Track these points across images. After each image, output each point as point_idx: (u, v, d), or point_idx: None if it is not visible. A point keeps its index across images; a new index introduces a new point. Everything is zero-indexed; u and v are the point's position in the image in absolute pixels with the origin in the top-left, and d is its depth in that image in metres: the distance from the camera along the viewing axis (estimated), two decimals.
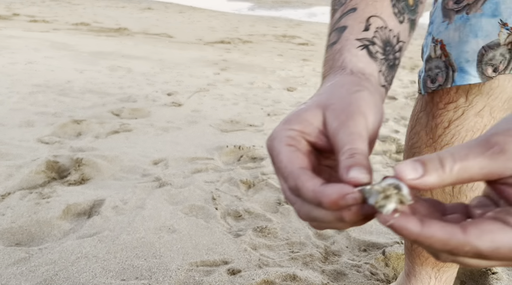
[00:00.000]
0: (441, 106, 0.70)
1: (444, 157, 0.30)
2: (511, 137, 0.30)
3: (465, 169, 0.30)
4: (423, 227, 0.29)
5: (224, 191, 1.50)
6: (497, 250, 0.28)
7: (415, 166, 0.30)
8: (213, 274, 1.03)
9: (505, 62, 0.63)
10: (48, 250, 1.10)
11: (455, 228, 0.29)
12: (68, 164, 1.59)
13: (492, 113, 0.68)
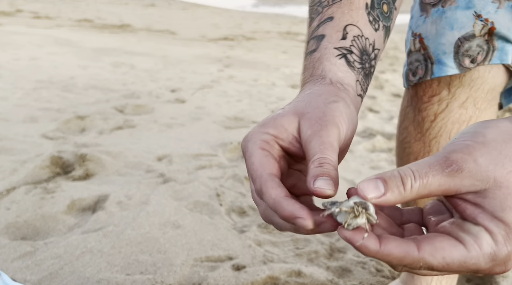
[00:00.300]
0: (425, 99, 0.71)
1: (405, 175, 0.32)
2: (469, 155, 0.31)
3: (424, 186, 0.31)
4: (381, 246, 0.31)
5: (229, 187, 1.49)
6: (448, 266, 0.31)
7: (377, 184, 0.32)
8: (218, 270, 1.03)
9: (483, 53, 0.64)
10: (53, 244, 1.10)
11: (410, 245, 0.31)
12: (73, 159, 1.59)
13: (476, 104, 0.68)
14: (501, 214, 0.31)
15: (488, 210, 0.31)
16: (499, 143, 0.32)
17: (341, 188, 1.30)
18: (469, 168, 0.31)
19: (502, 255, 0.31)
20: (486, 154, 0.32)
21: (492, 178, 0.31)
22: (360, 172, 1.71)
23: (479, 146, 0.32)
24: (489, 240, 0.31)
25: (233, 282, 0.98)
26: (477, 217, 0.31)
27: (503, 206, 0.31)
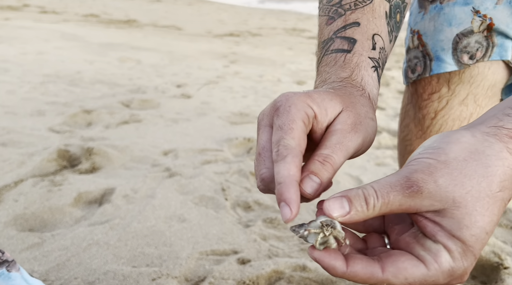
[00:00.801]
0: (425, 97, 0.71)
1: (368, 194, 0.33)
2: (429, 175, 0.33)
3: (386, 205, 0.33)
4: (348, 267, 0.34)
5: (234, 182, 1.50)
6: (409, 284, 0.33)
7: (342, 203, 0.34)
8: (223, 263, 1.03)
9: (482, 49, 0.64)
10: (61, 236, 1.11)
11: (375, 267, 0.34)
12: (79, 153, 1.60)
13: (477, 101, 0.68)
14: (458, 233, 0.32)
15: (446, 228, 0.33)
16: (460, 162, 0.33)
17: (345, 184, 1.30)
18: (429, 189, 0.32)
19: (460, 270, 0.33)
20: (447, 174, 0.32)
21: (451, 199, 0.32)
22: (365, 168, 1.71)
23: (441, 166, 0.33)
24: (448, 258, 0.33)
25: (238, 276, 0.99)
26: (436, 235, 0.33)
27: (460, 225, 0.32)
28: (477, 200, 0.32)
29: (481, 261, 1.10)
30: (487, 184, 0.32)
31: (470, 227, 0.32)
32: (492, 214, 0.32)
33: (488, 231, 0.32)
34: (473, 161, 0.33)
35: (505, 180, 0.33)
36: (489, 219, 0.32)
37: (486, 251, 1.12)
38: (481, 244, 0.32)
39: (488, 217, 0.32)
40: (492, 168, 0.33)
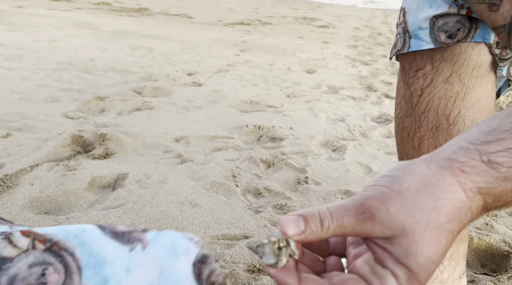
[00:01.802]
0: (411, 73, 0.72)
1: (324, 216, 0.34)
2: (382, 203, 0.34)
3: (339, 228, 0.34)
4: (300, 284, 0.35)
5: (244, 169, 1.51)
6: None
7: (298, 222, 0.34)
8: (234, 247, 1.05)
9: (465, 30, 0.64)
10: (75, 219, 1.14)
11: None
12: (93, 138, 1.63)
13: (462, 80, 0.68)
14: (405, 260, 0.34)
15: (394, 255, 0.34)
16: (412, 192, 0.34)
17: (355, 172, 1.31)
18: (380, 217, 0.34)
19: None
20: (399, 203, 0.34)
21: (400, 227, 0.34)
22: (375, 157, 1.71)
23: (394, 195, 0.34)
24: (394, 283, 0.34)
25: (249, 260, 1.01)
26: (385, 261, 0.35)
27: (407, 253, 0.33)
28: (425, 230, 0.33)
29: (491, 249, 1.10)
30: (436, 216, 0.34)
31: (416, 255, 0.33)
32: (439, 244, 0.34)
33: (434, 261, 0.34)
34: (425, 193, 0.34)
35: (454, 212, 0.34)
36: (435, 249, 0.34)
37: (496, 240, 1.12)
38: (426, 273, 0.34)
39: (435, 247, 0.34)
40: (442, 200, 0.34)
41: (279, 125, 1.98)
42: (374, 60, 3.82)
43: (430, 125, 0.72)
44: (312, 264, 0.39)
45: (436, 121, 0.71)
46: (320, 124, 2.06)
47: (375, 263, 0.35)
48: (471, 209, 0.35)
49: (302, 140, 1.82)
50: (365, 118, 2.20)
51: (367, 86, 2.88)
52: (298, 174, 1.51)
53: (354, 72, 3.29)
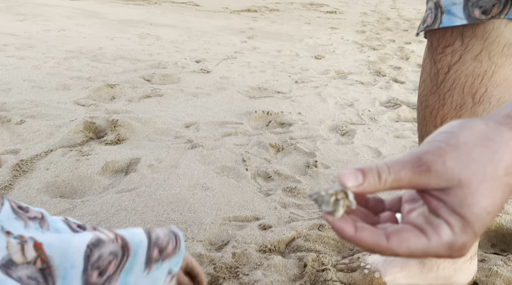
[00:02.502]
0: (439, 50, 0.70)
1: (382, 169, 0.36)
2: (439, 157, 0.35)
3: (397, 181, 0.35)
4: (356, 233, 0.36)
5: (254, 153, 1.53)
6: (412, 254, 0.36)
7: (356, 175, 0.36)
8: (245, 229, 1.07)
9: (500, 5, 0.63)
10: (90, 202, 1.17)
11: (381, 236, 0.36)
12: (104, 125, 1.65)
13: (492, 58, 0.67)
14: (459, 210, 0.34)
15: (449, 205, 0.35)
16: (469, 146, 0.35)
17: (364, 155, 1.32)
18: (437, 169, 0.35)
19: (459, 244, 0.35)
20: (455, 157, 0.35)
21: (456, 179, 0.35)
22: (384, 140, 1.71)
23: (450, 149, 0.35)
24: (448, 231, 0.35)
25: (260, 240, 1.03)
26: (439, 210, 0.36)
27: (462, 203, 0.34)
28: (481, 182, 0.34)
29: (501, 229, 1.11)
30: (493, 168, 0.35)
31: (472, 205, 0.34)
32: (495, 196, 0.35)
33: (489, 211, 0.34)
34: (482, 147, 0.35)
35: (511, 166, 0.35)
36: (491, 200, 0.34)
37: (507, 221, 1.12)
38: (481, 223, 0.34)
39: (491, 198, 0.34)
40: (500, 154, 0.35)
41: (287, 111, 1.99)
42: (382, 45, 3.78)
43: (454, 103, 0.71)
44: (366, 218, 0.40)
45: (461, 99, 0.70)
46: (328, 109, 2.06)
47: (429, 214, 0.36)
48: None
49: (310, 125, 1.83)
50: (373, 103, 2.19)
51: (376, 71, 2.86)
52: (307, 158, 1.52)
53: (363, 57, 3.26)
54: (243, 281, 0.88)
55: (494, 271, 0.92)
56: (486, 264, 0.96)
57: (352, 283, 0.88)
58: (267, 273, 0.90)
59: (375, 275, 0.87)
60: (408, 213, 0.39)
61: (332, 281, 0.87)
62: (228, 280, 0.88)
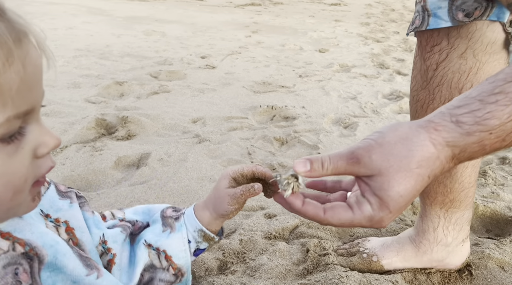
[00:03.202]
0: (428, 49, 0.77)
1: (324, 160, 0.46)
2: (367, 152, 0.45)
3: (336, 169, 0.46)
4: (302, 206, 0.48)
5: (259, 147, 1.59)
6: (342, 224, 0.47)
7: (306, 163, 0.47)
8: (252, 218, 1.14)
9: (481, 8, 0.68)
10: (105, 194, 1.24)
11: (320, 210, 0.48)
12: (115, 121, 1.72)
13: (476, 55, 0.72)
14: (378, 192, 0.45)
15: (372, 188, 0.45)
16: (391, 144, 0.45)
17: None
18: (364, 161, 0.45)
19: (377, 218, 0.45)
20: (379, 152, 0.45)
21: (378, 169, 0.44)
22: None
23: (377, 146, 0.45)
24: (369, 208, 0.46)
25: (266, 228, 1.09)
26: (365, 192, 0.46)
27: (380, 187, 0.44)
28: (396, 172, 0.44)
29: (496, 215, 1.16)
30: (407, 162, 0.44)
31: (387, 189, 0.44)
32: (407, 183, 0.44)
33: (402, 195, 0.44)
34: (401, 145, 0.45)
35: (423, 160, 0.44)
36: (404, 186, 0.44)
37: (501, 207, 1.17)
38: (395, 203, 0.44)
39: (404, 185, 0.44)
40: (413, 151, 0.44)
41: (291, 105, 2.04)
42: (386, 37, 3.80)
43: (443, 98, 0.77)
44: (317, 198, 0.52)
45: (449, 94, 0.76)
46: (332, 103, 2.11)
47: (359, 195, 0.47)
48: (439, 158, 0.45)
49: (314, 119, 1.88)
50: (376, 95, 2.23)
51: (379, 63, 2.89)
52: (310, 151, 1.57)
53: (366, 50, 3.29)
54: (250, 265, 0.94)
55: (487, 254, 0.97)
56: (479, 247, 1.02)
57: (351, 267, 0.94)
58: (272, 258, 0.96)
59: (373, 259, 0.93)
60: (352, 193, 0.51)
61: (333, 265, 0.93)
62: (236, 265, 0.95)
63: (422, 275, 0.94)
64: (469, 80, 0.73)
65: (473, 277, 0.93)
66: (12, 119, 0.34)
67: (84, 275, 0.45)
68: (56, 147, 0.39)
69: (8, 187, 0.36)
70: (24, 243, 0.41)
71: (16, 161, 0.36)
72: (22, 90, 0.34)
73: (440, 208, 0.87)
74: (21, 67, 0.34)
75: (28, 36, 0.35)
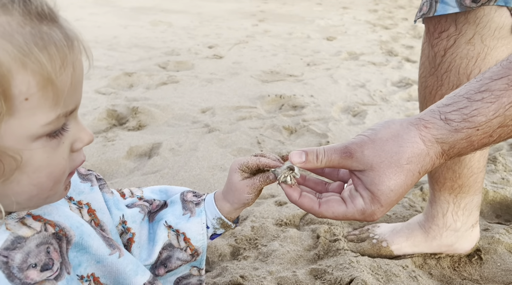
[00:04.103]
0: (435, 35, 0.77)
1: (319, 152, 0.49)
2: (360, 147, 0.47)
3: (329, 162, 0.48)
4: (299, 199, 0.51)
5: (268, 136, 1.60)
6: (335, 217, 0.49)
7: (301, 154, 0.49)
8: (262, 205, 1.16)
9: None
10: (119, 184, 1.27)
11: (315, 203, 0.50)
12: (126, 112, 1.74)
13: (484, 41, 0.73)
14: (370, 187, 0.47)
15: (364, 183, 0.47)
16: (383, 141, 0.47)
17: None
18: (357, 156, 0.47)
19: (369, 211, 0.47)
20: (371, 148, 0.47)
21: (370, 164, 0.46)
22: None
23: (369, 142, 0.47)
24: (361, 202, 0.48)
25: (276, 215, 1.11)
26: (357, 186, 0.48)
27: (372, 182, 0.47)
28: (387, 168, 0.46)
29: (506, 201, 1.17)
30: (397, 158, 0.46)
31: (378, 184, 0.46)
32: (398, 178, 0.46)
33: (392, 189, 0.46)
34: (392, 142, 0.47)
35: (413, 156, 0.46)
36: (394, 181, 0.46)
37: (511, 193, 1.18)
38: (386, 197, 0.46)
39: (394, 180, 0.46)
40: (404, 148, 0.46)
41: (300, 94, 2.04)
42: (395, 23, 3.76)
43: (451, 84, 0.77)
44: (315, 185, 0.55)
45: (457, 80, 0.76)
46: (340, 91, 2.11)
47: (353, 189, 0.49)
48: (429, 155, 0.47)
49: (323, 107, 1.88)
50: (385, 83, 2.22)
51: (388, 50, 2.87)
52: (319, 139, 1.58)
53: (375, 37, 3.26)
54: (262, 251, 0.96)
55: (496, 239, 0.98)
56: (489, 232, 1.03)
57: (361, 252, 0.96)
58: (284, 244, 0.98)
59: (382, 245, 0.95)
60: (348, 186, 0.53)
61: (343, 250, 0.95)
62: (249, 250, 0.97)
63: (432, 260, 0.95)
64: (477, 66, 0.74)
65: (483, 261, 0.95)
66: (61, 117, 0.37)
67: (107, 254, 0.49)
68: (89, 143, 0.42)
69: (50, 177, 0.39)
70: (54, 224, 0.44)
71: (58, 154, 0.39)
72: (71, 91, 0.37)
73: (449, 193, 0.88)
74: (73, 70, 0.37)
75: (76, 40, 0.38)
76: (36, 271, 0.40)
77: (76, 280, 0.46)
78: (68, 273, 0.44)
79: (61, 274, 0.43)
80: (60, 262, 0.43)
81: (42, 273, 0.41)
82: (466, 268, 0.94)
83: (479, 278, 0.92)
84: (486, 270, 0.93)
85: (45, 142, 0.37)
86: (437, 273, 0.93)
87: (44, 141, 0.37)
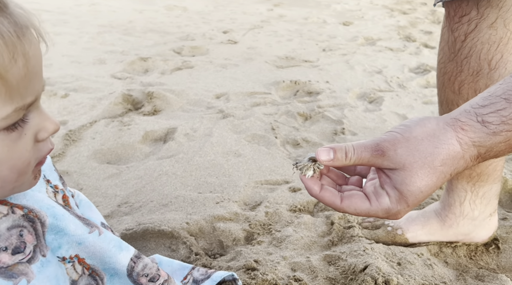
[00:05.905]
0: (456, 19, 0.74)
1: (348, 150, 0.47)
2: (393, 145, 0.45)
3: (359, 159, 0.47)
4: (320, 192, 0.49)
5: (282, 122, 1.59)
6: (357, 213, 0.48)
7: (329, 152, 0.47)
8: (276, 191, 1.16)
9: None
10: (134, 168, 1.28)
11: (337, 198, 0.48)
12: (141, 97, 1.75)
13: (507, 25, 0.69)
14: (399, 186, 0.45)
15: (393, 182, 0.46)
16: (418, 140, 0.45)
17: (391, 122, 1.35)
18: (389, 155, 0.45)
19: (394, 211, 0.46)
20: (405, 147, 0.45)
21: (402, 164, 0.45)
22: (412, 107, 1.73)
23: (403, 140, 0.45)
24: (387, 200, 0.46)
25: (290, 201, 1.11)
26: (385, 184, 0.47)
27: (402, 182, 0.45)
28: (420, 169, 0.44)
29: None
30: (432, 159, 0.44)
31: (409, 184, 0.45)
32: (429, 180, 0.45)
33: (422, 191, 0.45)
34: (427, 142, 0.45)
35: (447, 159, 0.45)
36: (425, 182, 0.45)
37: None
38: (414, 198, 0.45)
39: (425, 181, 0.45)
40: (439, 149, 0.45)
41: (315, 79, 2.02)
42: (413, 8, 3.66)
43: (471, 70, 0.75)
44: (337, 178, 0.53)
45: (478, 66, 0.74)
46: (356, 77, 2.07)
47: (378, 186, 0.48)
48: (464, 158, 0.45)
49: (338, 93, 1.86)
50: (402, 69, 2.18)
51: (406, 36, 2.80)
52: (335, 126, 1.57)
53: (392, 22, 3.19)
54: (276, 237, 0.97)
55: None
56: (507, 222, 1.01)
57: (376, 239, 0.95)
58: (298, 229, 0.99)
59: (397, 232, 0.94)
60: (369, 181, 0.51)
61: (358, 237, 0.94)
62: (262, 235, 0.98)
63: (448, 248, 0.95)
64: (499, 51, 0.71)
65: (500, 251, 0.93)
66: (18, 110, 0.36)
67: (86, 233, 0.49)
68: (55, 132, 0.42)
69: (13, 170, 0.39)
70: (21, 207, 0.44)
71: (19, 146, 0.38)
72: (27, 82, 0.36)
73: (467, 182, 0.87)
74: (25, 61, 0.36)
75: (29, 28, 0.37)
76: (7, 254, 0.40)
77: (55, 262, 0.46)
78: (43, 255, 0.44)
79: (34, 256, 0.43)
80: (34, 245, 0.43)
81: (14, 257, 0.41)
82: (483, 257, 0.93)
83: (496, 267, 0.91)
84: (504, 259, 0.92)
85: (4, 136, 0.37)
86: (453, 262, 0.92)
87: (3, 135, 0.36)
